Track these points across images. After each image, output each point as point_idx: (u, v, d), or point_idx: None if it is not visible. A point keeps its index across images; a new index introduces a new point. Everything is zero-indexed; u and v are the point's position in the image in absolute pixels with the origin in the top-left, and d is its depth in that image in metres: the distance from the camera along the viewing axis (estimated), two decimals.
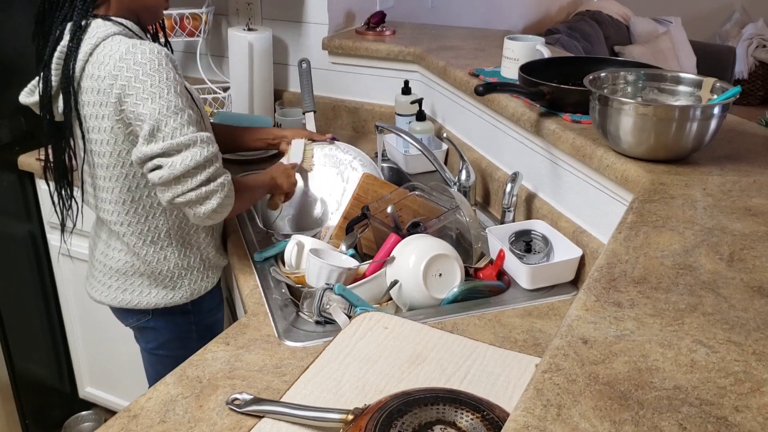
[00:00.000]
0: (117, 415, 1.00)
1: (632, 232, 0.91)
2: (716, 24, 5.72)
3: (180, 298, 1.46)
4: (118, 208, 1.37)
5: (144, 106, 1.23)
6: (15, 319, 2.15)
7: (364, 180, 1.54)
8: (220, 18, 2.30)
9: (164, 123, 1.23)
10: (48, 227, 2.15)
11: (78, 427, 2.38)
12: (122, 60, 1.24)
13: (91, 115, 1.30)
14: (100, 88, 1.26)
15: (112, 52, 1.25)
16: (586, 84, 1.24)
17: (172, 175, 1.23)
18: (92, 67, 1.27)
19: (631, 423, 0.58)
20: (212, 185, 1.26)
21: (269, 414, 0.96)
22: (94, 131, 1.31)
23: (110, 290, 1.46)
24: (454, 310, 1.24)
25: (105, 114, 1.28)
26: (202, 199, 1.26)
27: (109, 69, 1.25)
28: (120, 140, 1.30)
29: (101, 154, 1.32)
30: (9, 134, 2.01)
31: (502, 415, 0.86)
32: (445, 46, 2.03)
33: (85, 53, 1.27)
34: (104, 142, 1.31)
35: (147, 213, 1.38)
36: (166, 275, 1.43)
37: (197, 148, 1.24)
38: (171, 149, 1.23)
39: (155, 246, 1.40)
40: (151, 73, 1.23)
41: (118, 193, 1.36)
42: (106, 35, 1.27)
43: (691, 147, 1.15)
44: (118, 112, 1.26)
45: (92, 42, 1.27)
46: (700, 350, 0.68)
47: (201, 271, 1.47)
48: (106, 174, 1.34)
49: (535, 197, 1.50)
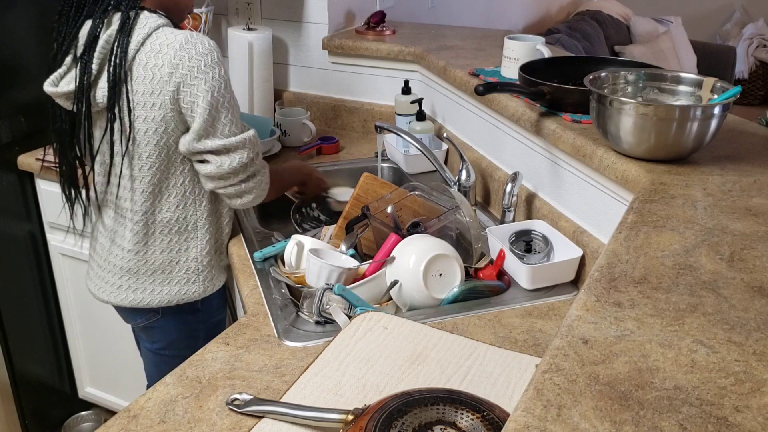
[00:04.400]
0: (117, 415, 1.00)
1: (632, 232, 0.91)
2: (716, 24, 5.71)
3: (192, 294, 1.46)
4: (152, 196, 1.39)
5: (203, 99, 1.28)
6: (15, 319, 2.15)
7: (364, 180, 1.54)
8: (219, 18, 2.30)
9: (217, 119, 1.30)
10: (48, 227, 2.15)
11: (78, 427, 2.38)
12: (183, 49, 1.27)
13: (140, 103, 1.31)
14: (154, 77, 1.28)
15: (169, 41, 1.28)
16: (587, 84, 1.24)
17: (219, 173, 1.33)
18: (146, 56, 1.29)
19: (631, 423, 0.58)
20: (252, 182, 1.37)
21: (269, 414, 0.96)
22: (140, 120, 1.32)
23: (120, 290, 1.46)
24: (454, 310, 1.24)
25: (158, 103, 1.30)
26: (241, 193, 1.38)
27: (169, 58, 1.27)
28: (170, 128, 1.32)
29: (144, 143, 1.34)
30: (9, 134, 2.01)
31: (502, 416, 0.86)
32: (445, 45, 2.03)
33: (137, 42, 1.29)
34: (150, 131, 1.32)
35: (178, 202, 1.40)
36: (182, 268, 1.44)
37: (245, 150, 1.33)
38: (221, 149, 1.31)
39: (180, 236, 1.43)
40: (212, 65, 1.29)
41: (156, 182, 1.38)
42: (157, 26, 1.31)
43: (692, 147, 1.15)
44: (174, 101, 1.29)
45: (144, 31, 1.29)
46: (701, 350, 0.67)
47: (217, 269, 1.49)
48: (145, 163, 1.36)
49: (535, 197, 1.50)
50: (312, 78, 2.26)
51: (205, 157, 1.33)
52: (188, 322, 1.51)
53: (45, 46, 1.44)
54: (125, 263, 1.44)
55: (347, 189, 1.74)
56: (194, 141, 1.31)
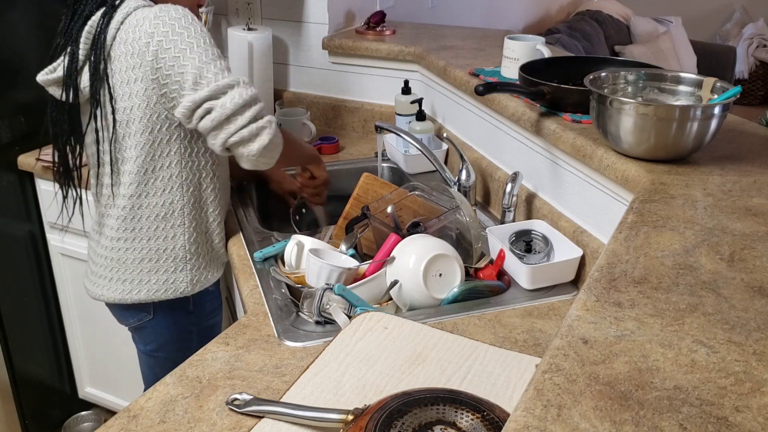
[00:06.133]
0: (117, 416, 1.00)
1: (632, 232, 0.91)
2: (716, 24, 5.72)
3: (181, 283, 1.45)
4: (138, 178, 1.38)
5: (184, 57, 1.28)
6: (15, 319, 2.15)
7: (364, 180, 1.54)
8: (219, 18, 2.30)
9: (206, 69, 1.29)
10: (48, 227, 2.15)
11: (78, 427, 2.38)
12: (157, 18, 1.29)
13: (122, 81, 1.32)
14: (133, 51, 1.30)
15: (144, 14, 1.31)
16: (587, 84, 1.24)
17: (224, 114, 1.28)
18: (125, 33, 1.31)
19: (631, 423, 0.58)
20: (261, 122, 1.32)
21: (269, 414, 0.96)
22: (123, 98, 1.33)
23: (110, 282, 1.46)
24: (454, 310, 1.24)
25: (138, 77, 1.31)
26: (254, 136, 1.30)
27: (145, 28, 1.29)
28: (152, 102, 1.32)
29: (129, 121, 1.34)
30: (9, 134, 2.01)
31: (502, 416, 0.86)
32: (445, 45, 2.03)
33: (117, 22, 1.32)
34: (134, 108, 1.33)
35: (165, 186, 1.40)
36: (170, 255, 1.43)
37: (242, 88, 1.30)
38: (218, 92, 1.29)
39: (166, 222, 1.42)
40: (186, 26, 1.30)
41: (141, 163, 1.37)
42: (136, 6, 1.33)
43: (692, 147, 1.15)
44: (154, 70, 1.30)
45: (124, 12, 1.32)
46: (701, 350, 0.67)
47: (205, 258, 1.48)
48: (132, 143, 1.36)
49: (535, 197, 1.50)
50: (312, 78, 2.26)
51: (206, 106, 1.28)
52: (180, 324, 1.50)
53: (45, 46, 1.44)
54: (114, 253, 1.44)
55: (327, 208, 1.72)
56: (190, 94, 1.28)
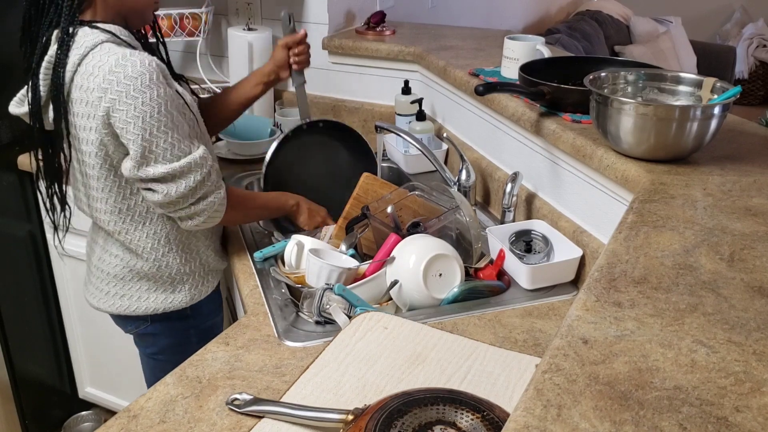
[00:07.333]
0: (117, 415, 1.00)
1: (632, 232, 0.91)
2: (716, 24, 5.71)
3: (180, 302, 1.45)
4: (114, 217, 1.35)
5: (134, 125, 1.21)
6: (15, 319, 2.15)
7: (364, 180, 1.54)
8: (219, 18, 2.30)
9: (155, 144, 1.23)
10: (48, 227, 2.15)
11: (78, 427, 2.38)
12: (112, 73, 1.20)
13: (80, 126, 1.27)
14: (88, 100, 1.23)
15: (101, 63, 1.22)
16: (586, 84, 1.24)
17: (166, 200, 1.28)
18: (81, 78, 1.24)
19: (631, 423, 0.58)
20: (201, 205, 1.31)
21: (269, 414, 0.96)
22: (83, 143, 1.28)
23: (108, 296, 1.45)
24: (454, 310, 1.24)
25: (93, 126, 1.25)
26: (191, 215, 1.33)
27: (98, 82, 1.21)
28: (110, 151, 1.27)
29: (92, 165, 1.30)
30: (9, 134, 2.01)
31: (502, 415, 0.86)
32: (445, 46, 2.03)
33: (73, 63, 1.24)
34: (93, 154, 1.28)
35: (144, 219, 1.36)
36: (166, 279, 1.42)
37: (191, 175, 1.27)
38: (167, 176, 1.25)
39: (156, 252, 1.39)
40: (142, 89, 1.20)
41: (113, 203, 1.34)
42: (94, 44, 1.23)
43: (692, 147, 1.15)
44: (107, 125, 1.23)
45: (80, 52, 1.23)
46: (701, 350, 0.67)
47: (201, 276, 1.46)
48: (98, 185, 1.32)
49: (535, 197, 1.50)
50: (312, 78, 2.25)
51: (150, 185, 1.26)
52: (179, 329, 1.49)
53: None
54: (111, 269, 1.43)
55: None
56: (135, 169, 1.24)
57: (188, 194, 1.28)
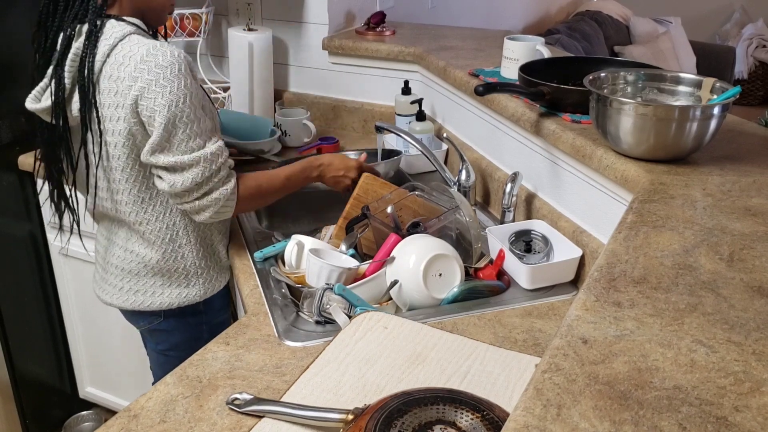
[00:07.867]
0: (117, 415, 1.00)
1: (632, 232, 0.91)
2: (716, 24, 5.72)
3: (194, 297, 1.46)
4: (136, 207, 1.38)
5: (160, 113, 1.24)
6: (15, 319, 2.15)
7: (364, 180, 1.54)
8: (220, 18, 2.30)
9: (174, 134, 1.26)
10: (48, 227, 2.15)
11: (78, 427, 2.38)
12: (143, 62, 1.24)
13: (107, 116, 1.29)
14: (118, 90, 1.26)
15: (132, 53, 1.25)
16: (586, 84, 1.24)
17: (172, 191, 1.30)
18: (110, 68, 1.27)
19: (630, 423, 0.58)
20: (206, 200, 1.32)
21: (269, 414, 0.97)
22: (109, 133, 1.30)
23: (122, 292, 1.46)
24: (454, 310, 1.24)
25: (121, 116, 1.27)
26: (198, 210, 1.34)
27: (129, 71, 1.25)
28: (137, 140, 1.30)
29: (117, 156, 1.32)
30: (9, 134, 2.01)
31: (502, 415, 0.86)
32: (444, 46, 2.03)
33: (103, 53, 1.27)
34: (120, 144, 1.30)
35: (164, 209, 1.39)
36: (181, 273, 1.44)
37: (199, 168, 1.29)
38: (174, 166, 1.28)
39: (173, 244, 1.41)
40: (171, 78, 1.24)
41: (136, 193, 1.36)
42: (123, 35, 1.27)
43: (691, 147, 1.15)
44: (135, 113, 1.26)
45: (110, 42, 1.27)
46: (700, 350, 0.68)
47: (215, 270, 1.49)
48: (122, 176, 1.34)
49: (535, 197, 1.51)
50: (312, 78, 2.26)
51: (158, 172, 1.30)
52: (192, 324, 1.51)
53: None
54: (126, 264, 1.45)
55: None
56: (148, 154, 1.27)
57: (193, 188, 1.30)
